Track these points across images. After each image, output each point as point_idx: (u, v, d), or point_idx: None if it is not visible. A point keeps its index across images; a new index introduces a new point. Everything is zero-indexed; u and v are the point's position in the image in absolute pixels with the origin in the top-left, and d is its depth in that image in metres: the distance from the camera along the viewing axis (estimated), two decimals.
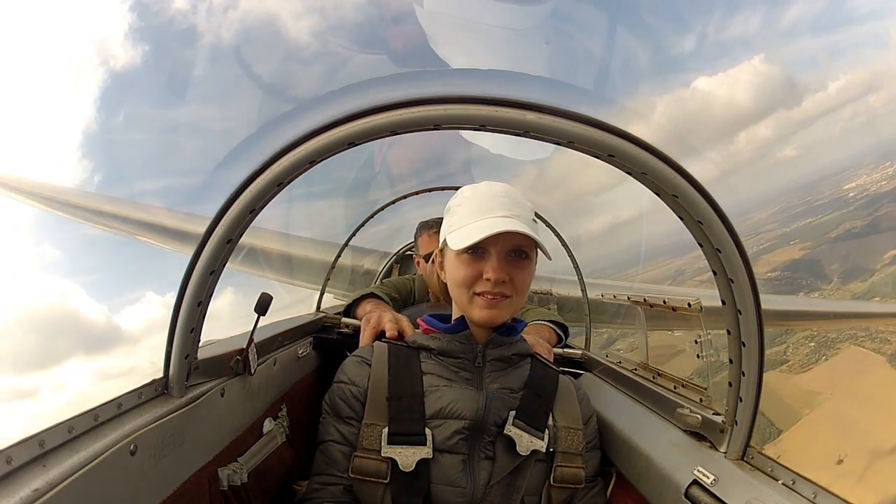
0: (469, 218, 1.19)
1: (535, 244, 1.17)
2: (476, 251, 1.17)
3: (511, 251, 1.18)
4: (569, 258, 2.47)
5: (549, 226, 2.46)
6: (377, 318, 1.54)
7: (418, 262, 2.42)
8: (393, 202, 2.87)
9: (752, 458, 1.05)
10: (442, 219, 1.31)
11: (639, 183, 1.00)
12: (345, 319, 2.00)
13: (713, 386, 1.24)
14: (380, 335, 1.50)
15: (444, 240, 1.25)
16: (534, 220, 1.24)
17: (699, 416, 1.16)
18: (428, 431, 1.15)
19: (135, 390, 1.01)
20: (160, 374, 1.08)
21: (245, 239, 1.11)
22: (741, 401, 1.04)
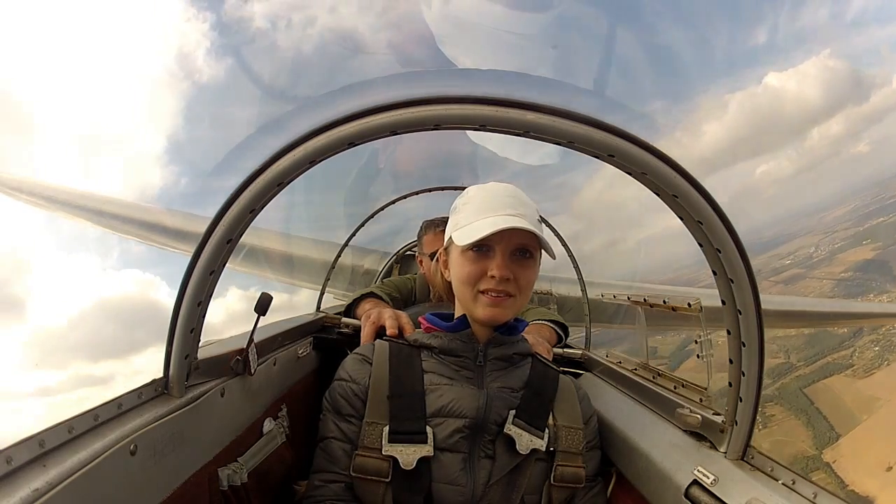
0: (475, 216, 1.19)
1: (540, 244, 1.17)
2: (481, 249, 1.18)
3: (516, 250, 1.18)
4: (569, 258, 2.47)
5: (551, 227, 2.46)
6: (377, 314, 1.54)
7: (421, 261, 2.42)
8: (394, 202, 2.87)
9: (752, 458, 1.05)
10: (447, 218, 1.32)
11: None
12: (345, 319, 2.00)
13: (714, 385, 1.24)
14: (380, 332, 1.50)
15: (450, 237, 1.25)
16: (539, 220, 1.24)
17: (699, 416, 1.16)
18: (429, 430, 1.15)
19: (135, 390, 1.01)
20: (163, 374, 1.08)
21: (250, 239, 1.11)
22: (741, 401, 1.04)
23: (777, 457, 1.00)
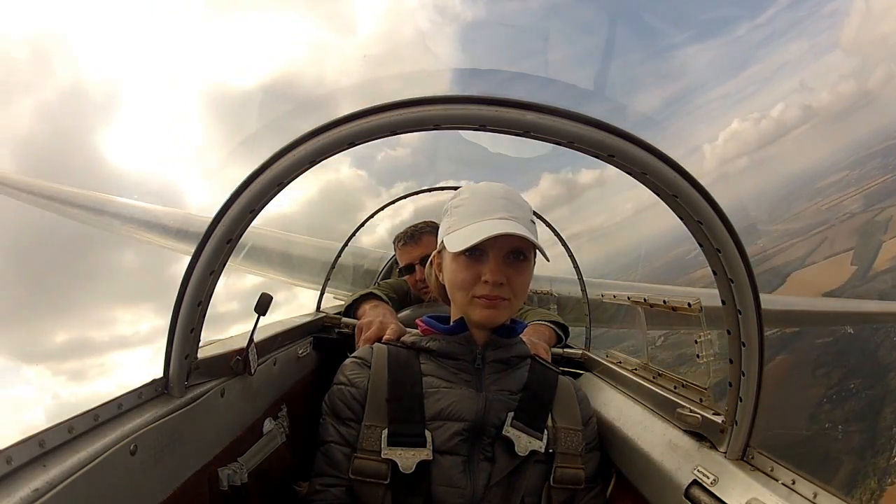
0: (467, 220, 1.18)
1: (534, 246, 1.17)
2: (474, 253, 1.17)
3: (509, 253, 1.18)
4: (569, 258, 2.46)
5: (549, 226, 2.46)
6: (376, 330, 1.53)
7: (399, 271, 2.47)
8: (394, 201, 2.86)
9: (752, 458, 1.05)
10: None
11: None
12: (345, 319, 2.00)
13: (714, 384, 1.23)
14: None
15: (442, 241, 1.25)
16: (532, 220, 1.23)
17: (699, 416, 1.16)
18: (427, 434, 1.15)
19: (135, 390, 1.01)
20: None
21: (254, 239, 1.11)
22: (741, 401, 1.04)
23: None
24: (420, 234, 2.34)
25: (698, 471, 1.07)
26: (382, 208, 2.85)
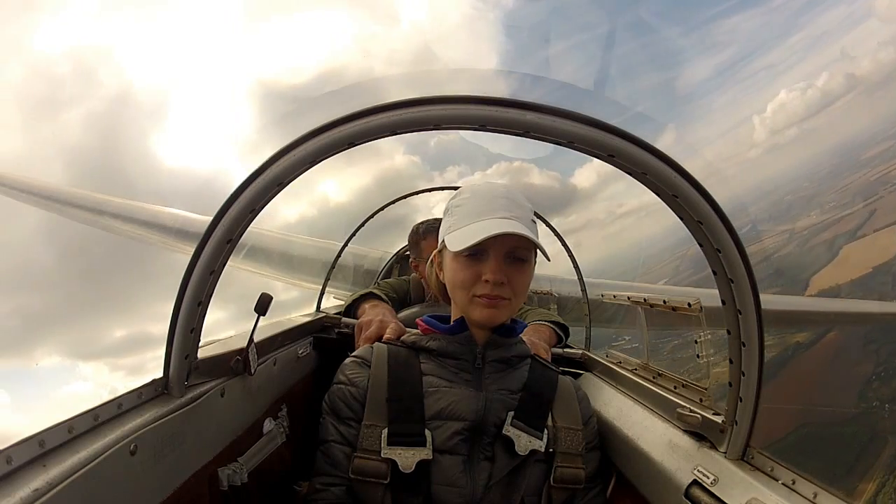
0: (468, 219, 1.18)
1: (535, 246, 1.17)
2: (475, 253, 1.17)
3: (510, 252, 1.18)
4: (569, 259, 2.47)
5: (549, 226, 2.46)
6: (376, 329, 1.53)
7: (416, 266, 2.43)
8: (394, 201, 2.87)
9: (752, 458, 1.05)
10: (439, 219, 1.31)
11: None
12: (345, 319, 2.00)
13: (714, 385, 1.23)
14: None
15: (443, 240, 1.25)
16: (533, 220, 1.23)
17: (699, 416, 1.16)
18: (427, 433, 1.15)
19: (135, 390, 1.01)
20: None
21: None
22: (741, 401, 1.04)
23: None
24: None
25: (698, 471, 1.07)
26: (382, 208, 2.85)
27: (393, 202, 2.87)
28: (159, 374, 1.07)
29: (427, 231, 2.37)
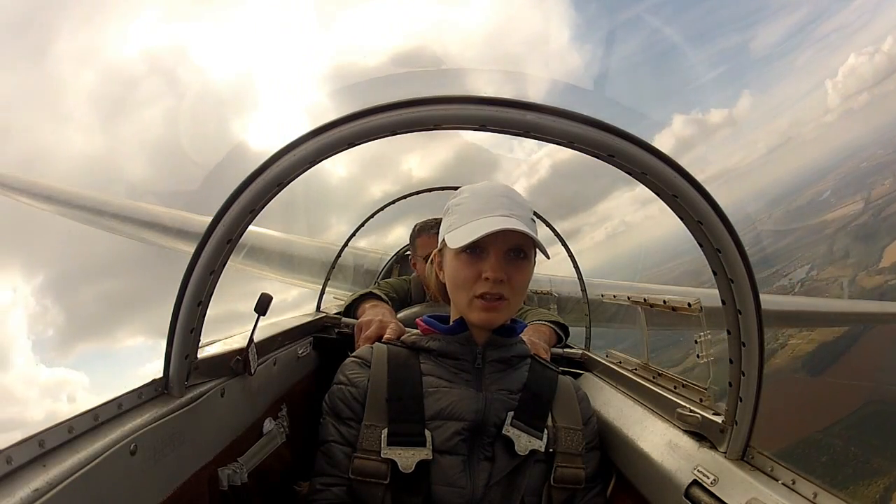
0: (468, 217, 1.19)
1: (534, 244, 1.17)
2: (475, 251, 1.17)
3: (510, 250, 1.18)
4: (569, 258, 2.47)
5: (548, 225, 2.46)
6: (376, 329, 1.53)
7: (415, 264, 2.43)
8: (393, 202, 2.86)
9: (752, 458, 1.05)
10: (439, 219, 1.31)
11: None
12: (345, 319, 2.00)
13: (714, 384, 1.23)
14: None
15: (443, 239, 1.25)
16: (532, 219, 1.24)
17: (699, 416, 1.16)
18: (427, 433, 1.15)
19: (135, 390, 1.01)
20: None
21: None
22: (741, 401, 1.04)
23: None
24: None
25: (698, 471, 1.07)
26: (382, 208, 2.85)
27: (393, 202, 2.87)
28: (159, 374, 1.07)
29: (422, 229, 2.39)
